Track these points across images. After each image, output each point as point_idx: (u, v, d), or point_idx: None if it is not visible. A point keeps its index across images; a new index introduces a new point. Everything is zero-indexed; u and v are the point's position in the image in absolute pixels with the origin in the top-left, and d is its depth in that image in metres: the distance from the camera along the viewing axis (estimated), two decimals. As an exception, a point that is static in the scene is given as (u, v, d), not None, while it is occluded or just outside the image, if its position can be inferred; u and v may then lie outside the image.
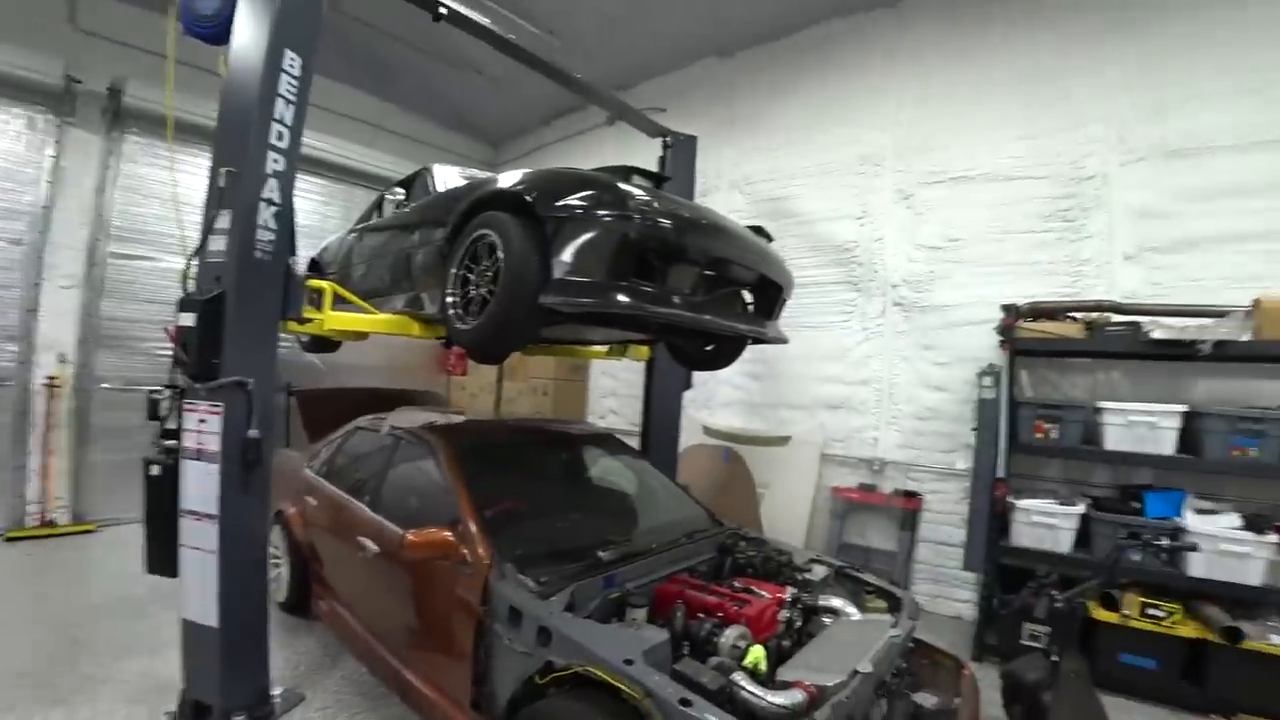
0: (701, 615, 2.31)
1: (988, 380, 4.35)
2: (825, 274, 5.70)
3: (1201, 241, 4.15)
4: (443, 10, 3.57)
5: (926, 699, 2.63)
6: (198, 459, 2.73)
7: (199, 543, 2.71)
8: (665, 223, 2.43)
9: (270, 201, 2.70)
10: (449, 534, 2.43)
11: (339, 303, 3.45)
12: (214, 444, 2.70)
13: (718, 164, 6.43)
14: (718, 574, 2.86)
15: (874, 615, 2.72)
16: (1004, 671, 3.30)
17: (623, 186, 2.44)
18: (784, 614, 2.47)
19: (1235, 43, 4.10)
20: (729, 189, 6.44)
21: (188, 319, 2.74)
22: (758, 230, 3.27)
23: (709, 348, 3.80)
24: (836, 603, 2.70)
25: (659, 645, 1.98)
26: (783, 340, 3.43)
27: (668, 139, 5.05)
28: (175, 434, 2.81)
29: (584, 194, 2.43)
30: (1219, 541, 3.50)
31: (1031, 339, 4.16)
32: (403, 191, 4.09)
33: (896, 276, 5.35)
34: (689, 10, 5.98)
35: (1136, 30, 4.43)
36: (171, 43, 2.98)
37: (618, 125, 5.31)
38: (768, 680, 2.01)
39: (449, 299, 2.87)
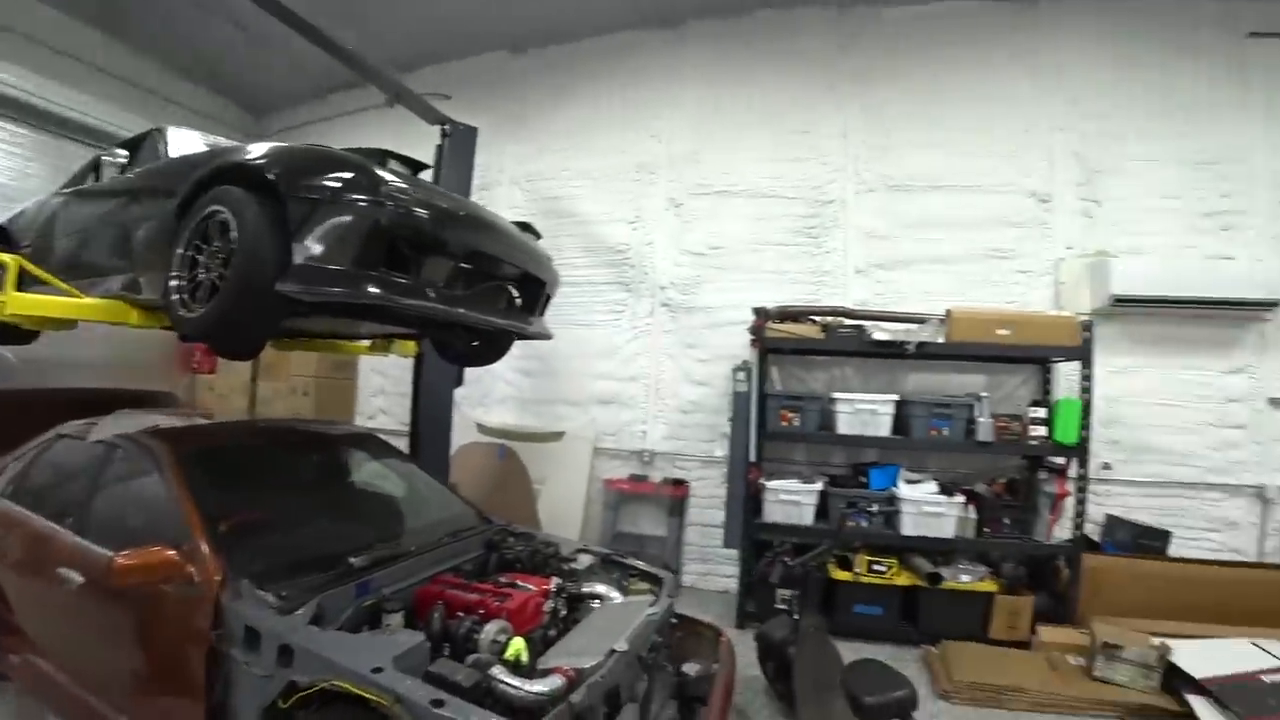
0: (462, 614, 2.27)
1: (741, 375, 4.87)
2: (598, 274, 5.97)
3: (912, 261, 5.15)
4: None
5: (691, 668, 2.85)
6: None
7: None
8: (420, 212, 2.34)
9: None
10: (171, 552, 2.12)
11: (33, 283, 2.84)
12: None
13: (500, 159, 6.39)
14: (484, 571, 2.82)
15: (636, 597, 2.85)
16: (757, 634, 3.71)
17: (377, 171, 2.31)
18: (549, 604, 2.52)
19: (933, 104, 5.19)
20: (510, 185, 6.43)
21: None
22: (524, 226, 3.29)
23: (475, 343, 3.74)
24: (600, 589, 2.80)
25: (413, 649, 1.90)
26: (546, 336, 3.49)
27: (446, 128, 4.88)
28: None
29: (334, 175, 2.25)
30: (921, 505, 4.31)
31: (778, 339, 4.72)
32: (126, 154, 3.45)
33: (665, 279, 5.76)
34: (479, -1, 5.83)
35: (861, 85, 5.38)
36: None
37: (398, 109, 5.03)
38: (530, 671, 2.03)
39: (172, 283, 2.49)
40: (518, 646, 2.13)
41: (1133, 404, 4.72)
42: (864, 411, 4.46)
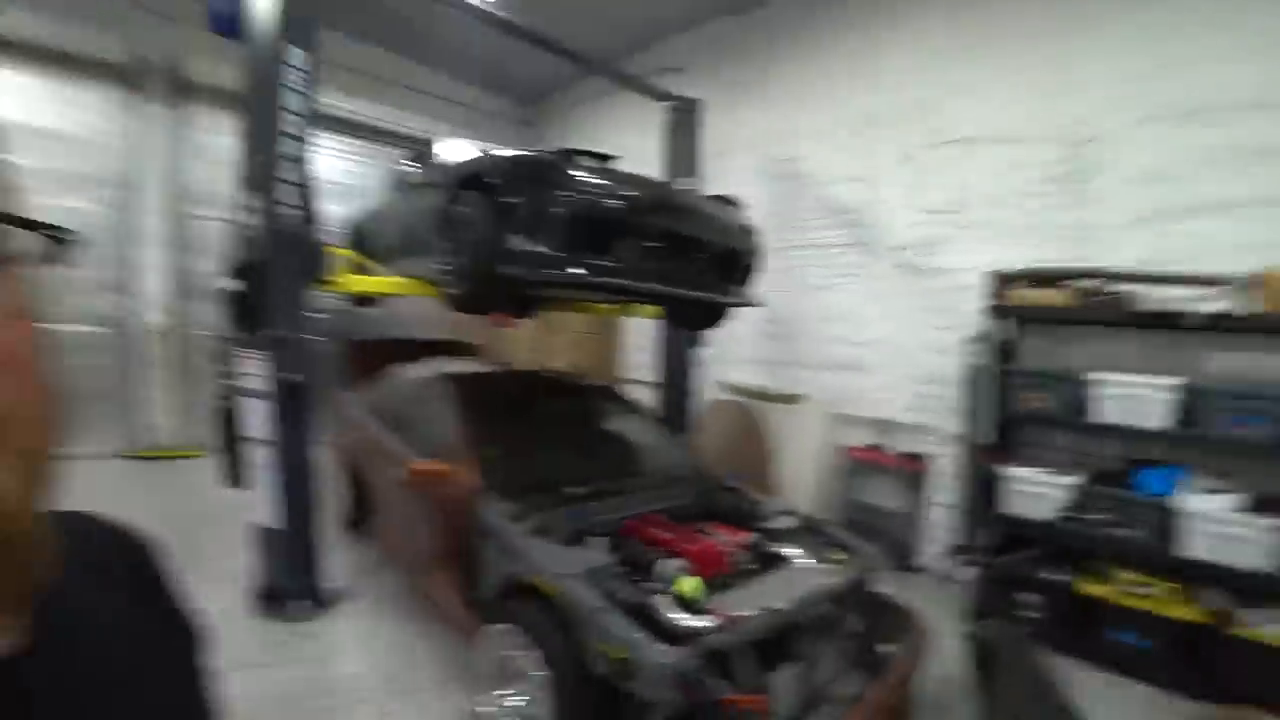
0: (654, 548, 2.63)
1: (979, 346, 4.32)
2: (833, 235, 5.70)
3: (1211, 207, 3.86)
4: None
5: (884, 648, 2.84)
6: (253, 396, 3.31)
7: (261, 463, 3.33)
8: (603, 201, 2.68)
9: (289, 182, 3.12)
10: (444, 465, 2.87)
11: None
12: (263, 385, 3.26)
13: (733, 126, 6.41)
14: (689, 517, 3.11)
15: (827, 565, 2.92)
16: (971, 633, 3.44)
17: (564, 168, 2.70)
18: (740, 556, 2.73)
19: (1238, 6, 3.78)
20: (743, 150, 6.41)
21: (233, 283, 3.27)
22: (724, 200, 3.43)
23: (690, 310, 4.02)
24: (792, 551, 2.94)
25: (601, 567, 2.32)
26: (749, 304, 3.62)
27: (672, 104, 5.14)
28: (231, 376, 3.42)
29: (531, 176, 2.71)
30: (1214, 522, 3.35)
31: (1020, 306, 4.09)
32: (416, 163, 4.45)
33: (900, 239, 5.30)
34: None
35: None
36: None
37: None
38: (697, 609, 2.29)
39: (442, 265, 3.24)
40: (692, 584, 2.38)
41: None
42: (1129, 397, 3.64)
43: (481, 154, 3.33)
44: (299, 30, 3.13)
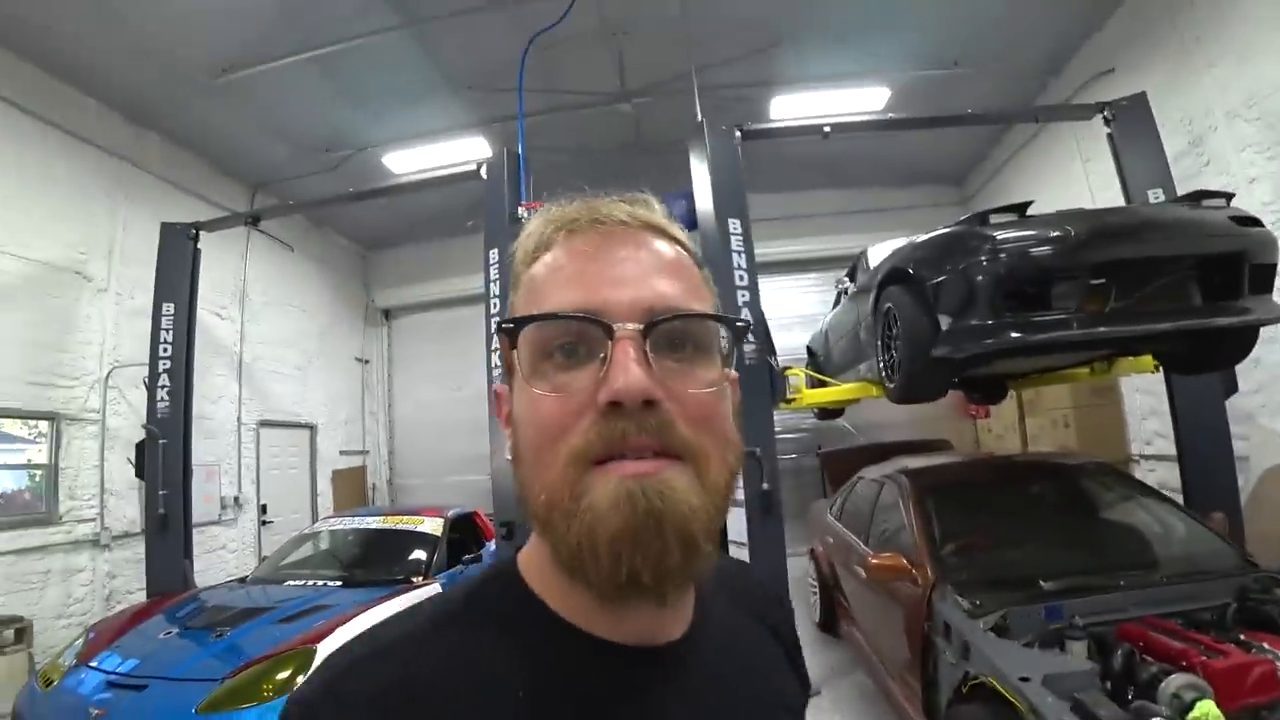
0: (1160, 660, 2.11)
1: None
2: None
3: None
4: (826, 130, 4.36)
5: None
6: (734, 505, 4.04)
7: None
8: (1031, 250, 2.50)
9: (746, 323, 3.91)
10: (903, 560, 2.92)
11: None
12: (739, 494, 3.94)
13: (1204, 99, 4.92)
14: (1221, 623, 2.38)
15: None
16: None
17: (973, 233, 2.65)
18: None
19: None
20: (1227, 122, 4.80)
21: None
22: (1195, 197, 2.74)
23: (1194, 347, 3.14)
24: None
25: (1071, 674, 1.98)
26: (1269, 320, 2.66)
27: (1106, 113, 4.36)
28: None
29: (944, 252, 2.74)
30: None
31: None
32: (849, 278, 4.86)
33: None
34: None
35: None
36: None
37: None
38: None
39: (880, 364, 3.45)
40: (1206, 709, 1.83)
41: None
42: None
43: (898, 248, 3.53)
44: (730, 204, 4.01)
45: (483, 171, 4.55)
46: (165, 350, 5.20)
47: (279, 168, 7.28)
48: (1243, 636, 2.22)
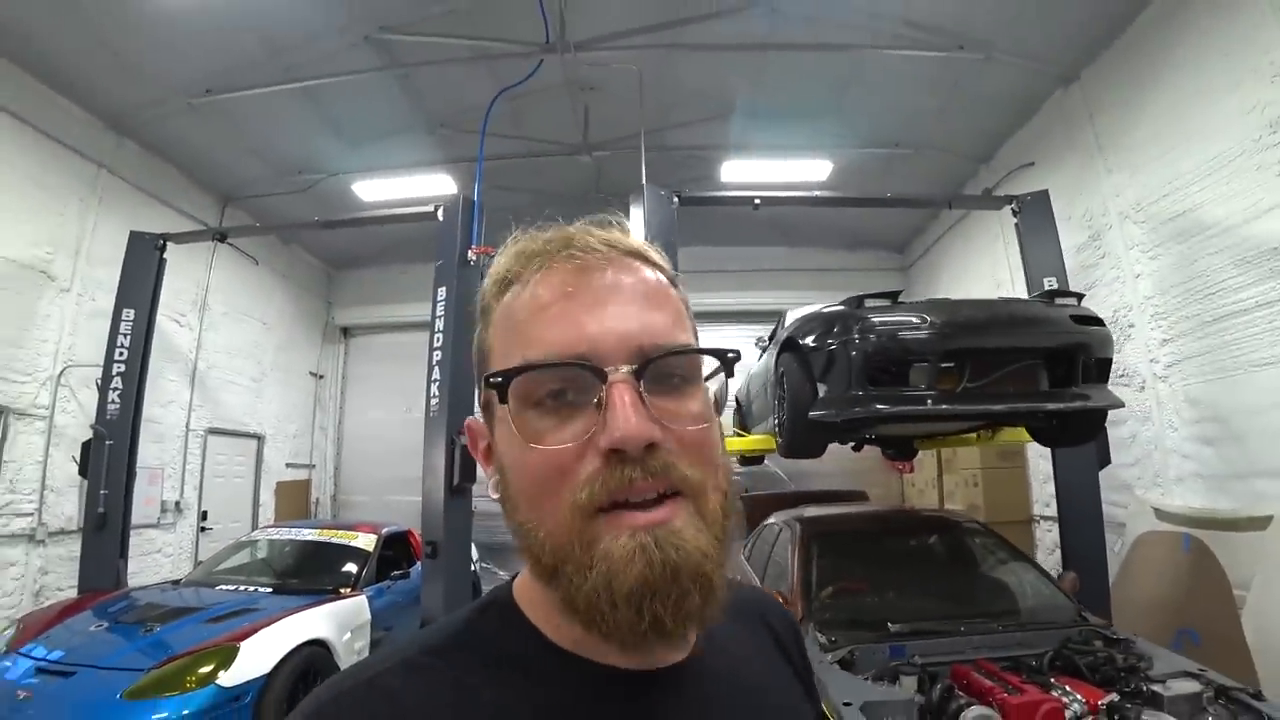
0: (967, 694, 2.43)
1: None
2: (1265, 292, 4.21)
3: None
4: (756, 202, 4.84)
5: None
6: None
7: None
8: (888, 337, 2.94)
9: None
10: (774, 596, 3.27)
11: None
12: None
13: (1103, 200, 5.53)
14: (1037, 669, 2.67)
15: None
16: None
17: (849, 314, 3.08)
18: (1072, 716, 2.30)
19: None
20: (1119, 222, 5.39)
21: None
22: (1050, 295, 3.24)
23: (1052, 423, 3.60)
24: None
25: (891, 703, 2.31)
26: (1109, 405, 3.14)
27: (1014, 206, 4.92)
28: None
29: (825, 328, 3.17)
30: None
31: None
32: (769, 337, 5.28)
33: None
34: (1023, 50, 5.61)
35: None
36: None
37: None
38: None
39: (774, 420, 3.84)
40: None
41: None
42: None
43: (798, 318, 3.95)
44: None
45: (439, 214, 4.86)
46: (121, 354, 5.37)
47: (251, 184, 7.54)
48: (1053, 680, 2.53)
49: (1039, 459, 6.76)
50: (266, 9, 4.90)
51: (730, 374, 0.56)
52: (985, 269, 7.21)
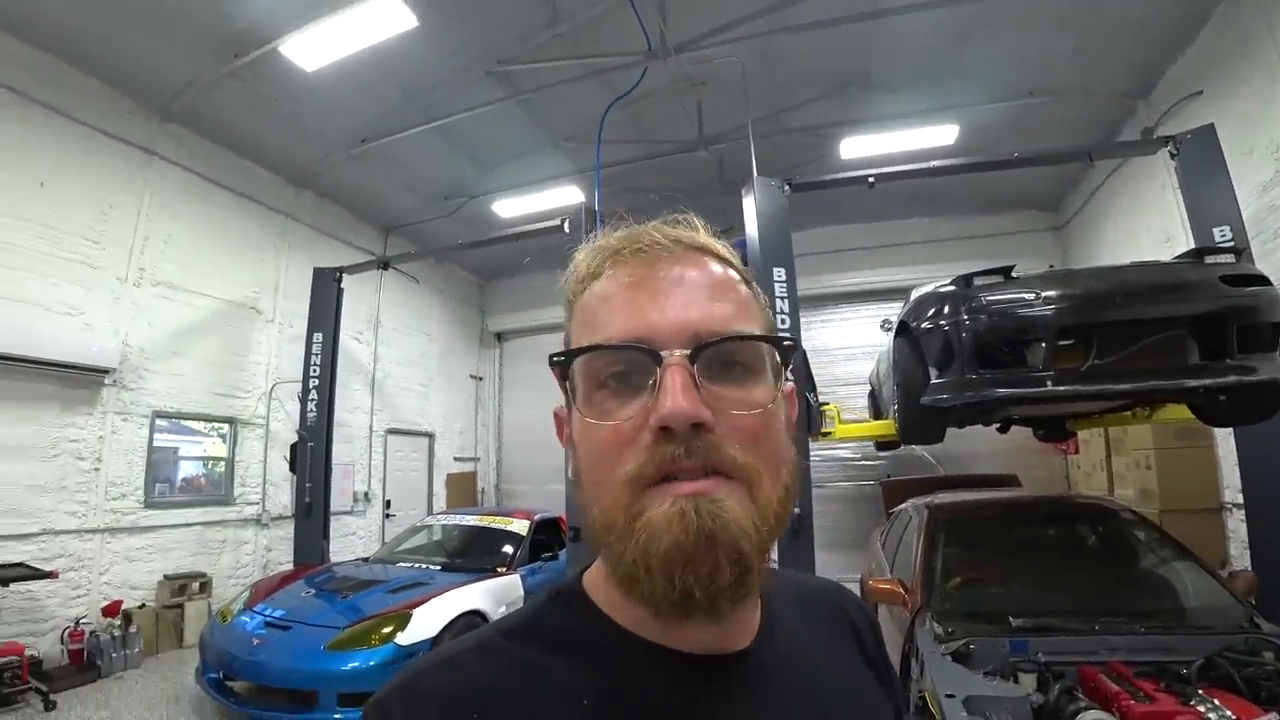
0: (1091, 699, 2.24)
1: None
2: None
3: None
4: (871, 180, 4.68)
5: None
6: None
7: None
8: (999, 315, 2.78)
9: (794, 342, 4.34)
10: (896, 585, 3.24)
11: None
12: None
13: (1255, 129, 4.71)
14: (1183, 678, 2.35)
15: None
16: None
17: (958, 293, 2.94)
18: None
19: None
20: (1262, 154, 4.56)
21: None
22: (1198, 254, 2.87)
23: (1222, 398, 3.15)
24: None
25: (999, 699, 2.18)
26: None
27: (1170, 149, 4.30)
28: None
29: (934, 310, 3.06)
30: None
31: None
32: (893, 319, 5.09)
33: None
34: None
35: None
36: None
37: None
38: None
39: (894, 405, 3.76)
40: None
41: None
42: None
43: (914, 299, 3.81)
44: (776, 254, 4.45)
45: (565, 226, 5.26)
46: (315, 370, 6.41)
47: (407, 214, 8.58)
48: (1200, 691, 2.23)
49: (1228, 436, 5.86)
50: (398, 63, 5.53)
51: (786, 362, 0.56)
52: (1155, 220, 6.31)
